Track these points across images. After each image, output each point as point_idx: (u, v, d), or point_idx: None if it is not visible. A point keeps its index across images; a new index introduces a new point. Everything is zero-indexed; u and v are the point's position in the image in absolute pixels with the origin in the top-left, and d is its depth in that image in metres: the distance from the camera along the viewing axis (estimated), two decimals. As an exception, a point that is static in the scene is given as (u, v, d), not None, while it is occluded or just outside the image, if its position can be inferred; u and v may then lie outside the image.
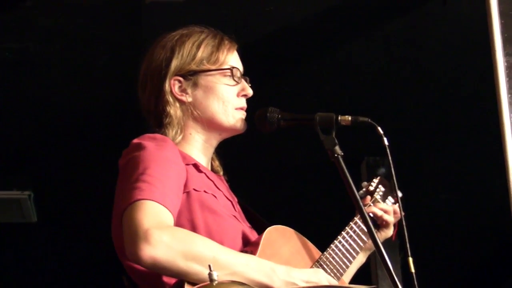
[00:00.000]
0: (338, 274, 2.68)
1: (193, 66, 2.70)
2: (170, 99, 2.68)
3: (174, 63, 2.69)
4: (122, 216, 2.38)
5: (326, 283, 2.51)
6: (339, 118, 2.59)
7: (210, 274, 1.81)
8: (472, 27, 4.67)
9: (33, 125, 5.51)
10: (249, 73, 2.82)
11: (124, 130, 2.76)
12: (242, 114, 2.74)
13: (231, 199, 2.72)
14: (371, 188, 2.99)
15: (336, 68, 5.15)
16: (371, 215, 2.91)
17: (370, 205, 2.93)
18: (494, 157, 4.09)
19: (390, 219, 2.94)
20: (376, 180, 3.02)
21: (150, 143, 2.54)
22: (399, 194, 3.01)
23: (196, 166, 2.65)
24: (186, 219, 2.51)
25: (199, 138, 2.72)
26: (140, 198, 2.37)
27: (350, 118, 2.60)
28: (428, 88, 5.35)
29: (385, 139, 2.56)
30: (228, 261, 2.34)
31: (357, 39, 4.90)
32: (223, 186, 2.75)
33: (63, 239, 6.56)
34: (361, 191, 3.01)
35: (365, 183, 3.03)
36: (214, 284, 1.81)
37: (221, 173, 2.82)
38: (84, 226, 6.23)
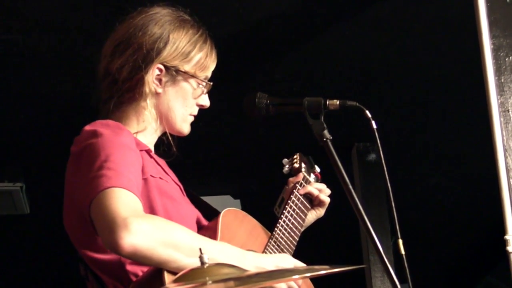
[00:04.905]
0: (290, 252, 2.71)
1: (181, 64, 2.68)
2: (149, 81, 2.65)
3: (166, 52, 2.66)
4: (89, 205, 2.35)
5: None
6: (327, 102, 2.60)
7: (201, 258, 1.82)
8: (458, 10, 4.68)
9: (23, 117, 5.50)
10: (236, 60, 2.82)
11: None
12: (191, 120, 2.75)
13: (179, 184, 2.72)
14: (296, 166, 2.98)
15: (324, 53, 5.15)
16: (308, 195, 2.89)
17: (303, 185, 2.90)
18: (483, 140, 4.11)
19: (327, 199, 2.92)
20: (297, 157, 3.01)
21: (105, 130, 2.51)
22: (317, 169, 3.03)
23: (148, 152, 2.64)
24: (145, 206, 2.47)
25: (151, 124, 2.69)
26: (109, 186, 2.34)
27: (338, 102, 2.62)
28: (416, 71, 5.37)
29: (373, 122, 2.57)
30: (205, 248, 2.35)
31: (344, 23, 4.90)
32: (170, 171, 2.74)
33: (56, 230, 6.54)
34: (286, 168, 3.00)
35: (286, 160, 3.02)
36: (205, 267, 1.82)
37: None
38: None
